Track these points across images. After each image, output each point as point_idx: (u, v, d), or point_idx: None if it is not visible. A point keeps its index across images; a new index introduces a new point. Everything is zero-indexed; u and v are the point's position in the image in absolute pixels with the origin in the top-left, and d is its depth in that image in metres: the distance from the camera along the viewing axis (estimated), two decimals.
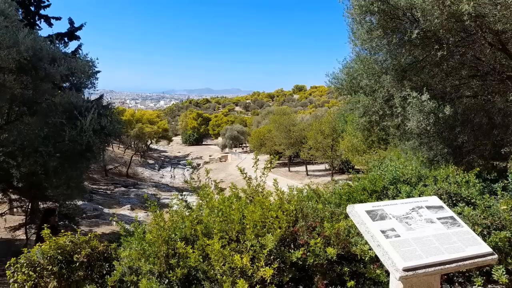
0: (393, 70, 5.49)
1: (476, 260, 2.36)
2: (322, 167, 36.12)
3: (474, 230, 3.17)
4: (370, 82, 6.13)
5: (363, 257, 3.34)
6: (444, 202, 3.38)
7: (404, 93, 5.43)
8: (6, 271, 3.75)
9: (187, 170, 45.57)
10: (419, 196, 4.20)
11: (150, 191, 29.66)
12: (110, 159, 34.50)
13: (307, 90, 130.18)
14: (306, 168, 34.88)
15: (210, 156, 54.47)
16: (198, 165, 46.99)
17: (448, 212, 2.72)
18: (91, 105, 6.64)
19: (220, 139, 62.25)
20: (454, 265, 2.32)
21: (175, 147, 71.07)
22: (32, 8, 14.46)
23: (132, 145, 43.60)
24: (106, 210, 20.47)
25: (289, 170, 36.28)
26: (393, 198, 4.44)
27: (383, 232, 2.43)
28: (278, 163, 38.84)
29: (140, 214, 20.74)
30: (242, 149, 58.91)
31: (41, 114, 6.67)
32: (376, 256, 3.46)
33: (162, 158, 55.92)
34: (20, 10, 12.68)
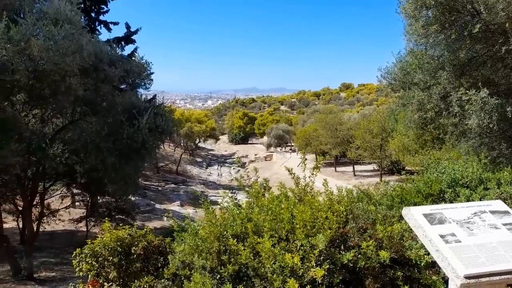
0: (450, 66, 5.20)
1: None
2: (370, 167, 35.01)
3: None
4: (425, 77, 5.86)
5: (418, 262, 3.21)
6: (509, 207, 3.15)
7: (460, 93, 5.13)
8: (73, 261, 4.07)
9: (233, 168, 46.31)
10: (480, 200, 3.95)
11: (198, 188, 30.56)
12: (161, 157, 36.02)
13: (355, 88, 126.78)
14: (353, 168, 34.01)
15: (255, 155, 54.92)
16: (244, 163, 47.59)
17: None
18: (149, 105, 7.01)
19: (265, 138, 62.53)
20: None
21: (222, 146, 72.53)
22: (93, 15, 15.49)
23: (182, 144, 45.15)
24: (157, 206, 21.40)
25: (335, 170, 35.61)
26: (451, 202, 4.21)
27: (442, 236, 2.32)
28: (324, 162, 38.29)
29: (189, 210, 21.44)
30: (290, 148, 58.68)
31: (102, 114, 7.16)
32: (432, 262, 3.31)
33: (209, 157, 57.34)
34: (82, 16, 13.61)
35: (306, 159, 4.21)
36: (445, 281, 3.24)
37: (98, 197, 11.54)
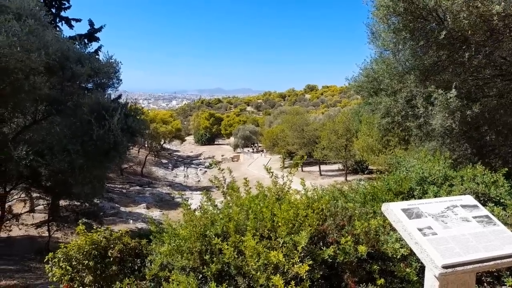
0: (417, 70, 5.50)
1: None
2: (335, 167, 35.96)
3: None
4: (392, 82, 6.14)
5: (394, 256, 3.37)
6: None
7: (429, 89, 5.42)
8: (45, 265, 3.89)
9: (200, 169, 45.88)
10: (447, 196, 4.21)
11: (164, 190, 29.97)
12: (125, 159, 34.93)
13: (319, 89, 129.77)
14: (319, 168, 34.77)
15: (222, 155, 54.70)
16: (210, 164, 47.27)
17: (483, 211, 2.74)
18: (118, 105, 6.83)
19: (232, 139, 62.47)
20: (492, 263, 2.35)
21: (188, 147, 71.57)
22: (53, 10, 14.80)
23: (146, 145, 44.12)
24: (122, 209, 20.78)
25: (302, 170, 36.20)
26: (420, 199, 4.46)
27: (420, 230, 2.47)
28: (290, 162, 38.86)
29: (156, 213, 21.02)
30: (263, 149, 58.93)
31: (68, 114, 6.88)
32: (404, 255, 3.50)
33: (175, 158, 56.37)
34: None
35: (285, 158, 4.30)
36: (417, 273, 3.44)
37: (62, 200, 11.05)
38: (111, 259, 3.98)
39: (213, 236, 3.36)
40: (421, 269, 3.29)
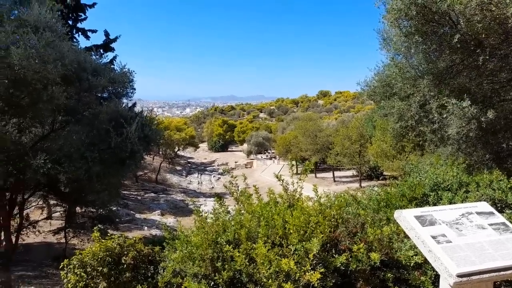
0: (430, 74, 5.43)
1: None
2: (349, 173, 35.60)
3: None
4: (404, 86, 6.08)
5: (408, 263, 3.32)
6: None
7: (442, 101, 5.35)
8: (60, 272, 3.96)
9: (214, 176, 46.07)
10: (462, 202, 4.13)
11: (178, 197, 30.17)
12: (141, 166, 35.37)
13: (332, 95, 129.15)
14: (333, 174, 34.49)
15: (235, 162, 54.82)
16: (224, 171, 47.49)
17: (500, 218, 2.67)
18: (135, 114, 6.97)
19: (245, 146, 62.59)
20: (510, 271, 2.28)
21: (201, 154, 72.02)
22: (70, 22, 15.21)
23: (161, 152, 44.58)
24: (137, 215, 20.99)
25: (315, 176, 35.98)
26: (434, 205, 4.37)
27: (433, 237, 2.42)
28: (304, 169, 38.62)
29: (170, 220, 21.15)
30: (270, 155, 58.87)
31: (85, 123, 7.04)
32: (419, 263, 3.43)
33: (189, 165, 56.75)
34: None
35: (293, 165, 4.30)
36: (433, 281, 3.36)
37: (78, 207, 11.25)
38: (125, 265, 4.02)
39: (225, 243, 3.37)
40: (437, 278, 3.21)
